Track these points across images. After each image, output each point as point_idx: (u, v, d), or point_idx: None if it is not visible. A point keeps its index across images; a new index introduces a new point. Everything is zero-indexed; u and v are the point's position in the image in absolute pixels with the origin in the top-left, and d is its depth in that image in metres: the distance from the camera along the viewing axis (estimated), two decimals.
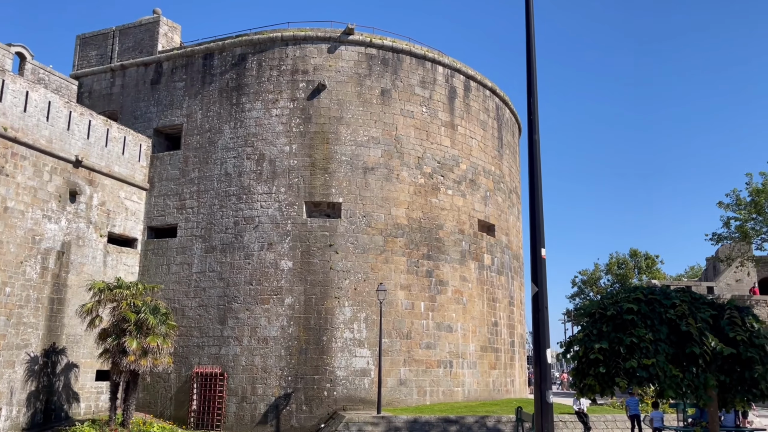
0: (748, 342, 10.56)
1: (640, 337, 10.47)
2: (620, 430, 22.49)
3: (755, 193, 36.23)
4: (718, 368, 10.60)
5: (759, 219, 36.35)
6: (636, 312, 10.84)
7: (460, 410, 22.69)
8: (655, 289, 11.46)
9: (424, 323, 25.49)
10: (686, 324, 10.63)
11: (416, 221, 26.23)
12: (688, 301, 11.25)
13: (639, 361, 10.27)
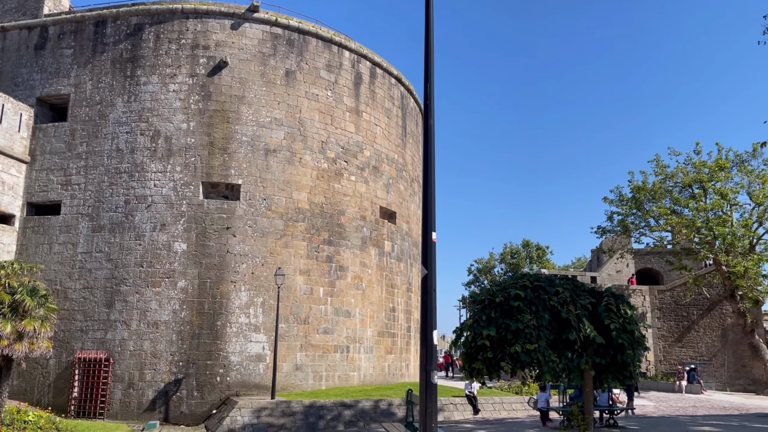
0: (621, 328, 11.27)
1: (525, 324, 10.92)
2: (507, 412, 23.54)
3: (636, 190, 38.77)
4: (595, 351, 11.25)
5: (638, 214, 38.96)
6: (522, 298, 11.30)
7: (355, 394, 22.88)
8: (541, 276, 11.99)
9: (322, 308, 25.43)
10: (566, 311, 11.18)
11: (318, 206, 26.04)
12: (570, 289, 11.84)
13: (522, 346, 10.72)
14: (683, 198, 37.90)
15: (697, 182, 37.41)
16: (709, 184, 37.13)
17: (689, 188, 37.95)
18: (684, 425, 16.99)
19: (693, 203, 37.03)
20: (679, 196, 37.95)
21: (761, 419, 19.30)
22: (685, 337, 41.35)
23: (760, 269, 36.14)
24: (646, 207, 38.65)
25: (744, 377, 39.15)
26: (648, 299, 42.07)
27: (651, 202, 38.50)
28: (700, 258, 39.40)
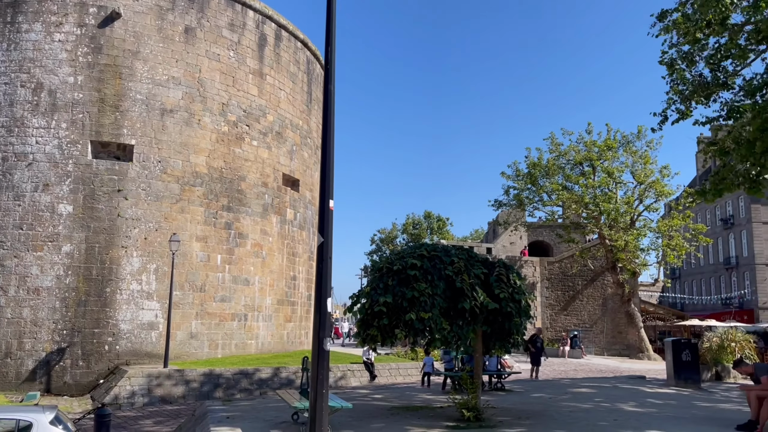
0: (510, 298, 11.74)
1: (421, 292, 11.13)
2: (402, 377, 24.18)
3: (531, 166, 40.56)
4: (485, 320, 11.67)
5: (533, 189, 40.84)
6: (419, 268, 11.48)
7: (253, 362, 22.65)
8: (438, 246, 12.23)
9: (220, 276, 24.83)
10: (460, 280, 11.49)
11: (217, 171, 25.21)
12: (465, 259, 12.16)
13: (417, 314, 10.93)
14: (574, 175, 40.00)
15: (588, 160, 39.54)
16: (597, 163, 39.36)
17: (580, 166, 40.08)
18: (565, 387, 18.18)
19: (583, 180, 39.18)
20: (571, 173, 40.02)
21: (631, 380, 20.99)
22: (570, 306, 44.06)
23: (639, 243, 39.02)
24: (540, 182, 40.47)
25: (620, 343, 42.38)
26: (538, 270, 44.36)
27: (545, 177, 40.35)
28: (587, 232, 42.00)
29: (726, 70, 17.41)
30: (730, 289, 62.88)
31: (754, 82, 16.98)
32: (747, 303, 59.34)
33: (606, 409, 13.34)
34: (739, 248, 61.72)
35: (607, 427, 10.90)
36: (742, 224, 60.76)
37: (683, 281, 73.54)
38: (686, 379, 18.72)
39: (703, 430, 10.70)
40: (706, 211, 65.85)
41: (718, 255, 65.11)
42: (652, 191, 38.69)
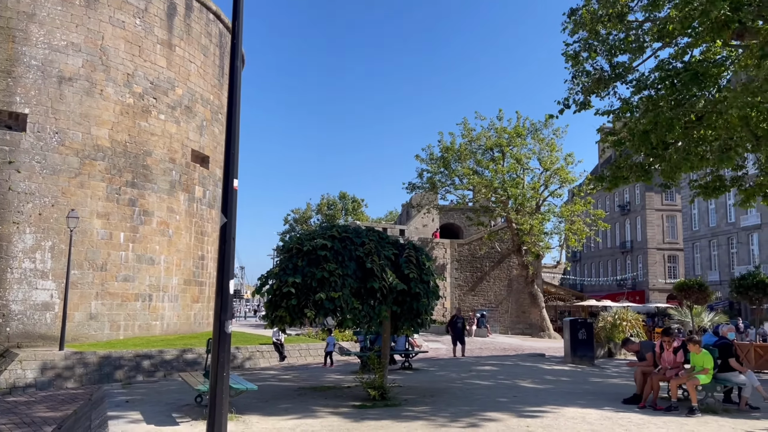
0: (418, 279, 11.95)
1: (331, 272, 11.12)
2: (312, 358, 24.17)
3: (444, 150, 41.34)
4: (394, 300, 11.83)
5: (445, 173, 41.67)
6: (330, 248, 11.46)
7: (157, 344, 21.92)
8: (349, 228, 12.24)
9: (123, 254, 23.77)
10: (371, 261, 11.57)
11: (121, 145, 23.99)
12: (375, 240, 12.25)
13: (327, 294, 10.92)
14: (485, 160, 41.12)
15: (498, 146, 40.72)
16: (507, 149, 40.61)
17: (491, 151, 41.22)
18: (469, 365, 18.80)
19: (493, 165, 40.35)
20: (482, 158, 41.11)
21: (532, 358, 22.01)
22: (478, 287, 45.51)
23: (543, 227, 40.73)
24: (452, 166, 41.33)
25: (523, 322, 44.28)
26: (449, 252, 45.44)
27: (457, 162, 41.24)
28: (495, 215, 43.35)
29: (623, 64, 18.31)
30: (624, 271, 67.04)
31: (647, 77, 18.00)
32: (639, 284, 63.53)
33: (506, 386, 13.91)
34: (634, 233, 65.78)
35: (506, 403, 11.36)
36: (638, 211, 64.73)
37: (583, 264, 77.63)
38: (582, 356, 19.84)
39: (594, 404, 11.36)
40: (605, 198, 69.58)
41: (615, 239, 69.13)
42: (557, 178, 40.45)
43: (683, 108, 17.23)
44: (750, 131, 16.94)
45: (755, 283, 20.47)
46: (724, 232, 52.66)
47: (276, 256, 74.24)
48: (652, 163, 18.58)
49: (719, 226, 53.27)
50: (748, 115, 15.70)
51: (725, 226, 52.39)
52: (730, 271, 48.58)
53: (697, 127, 17.96)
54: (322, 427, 9.04)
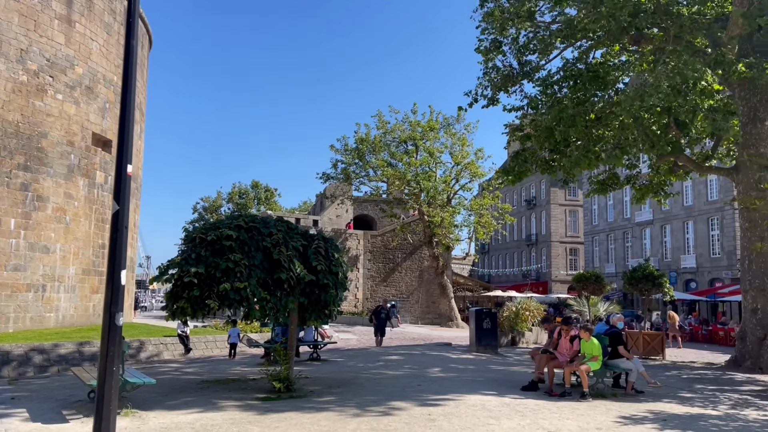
0: (327, 270, 11.89)
1: (236, 262, 10.86)
2: (219, 350, 23.60)
3: (360, 142, 41.41)
4: (301, 291, 11.72)
5: (360, 164, 41.75)
6: (236, 239, 11.18)
7: (51, 337, 20.65)
8: (256, 218, 12.00)
9: (13, 242, 22.21)
10: (278, 252, 11.40)
11: (13, 125, 22.35)
12: (284, 231, 12.07)
13: (232, 284, 10.67)
14: (399, 152, 41.54)
15: (412, 139, 41.21)
16: (420, 142, 41.19)
17: (404, 144, 41.68)
18: (378, 355, 18.99)
19: (406, 158, 40.82)
20: (396, 151, 41.50)
21: (439, 347, 22.52)
22: (390, 278, 46.02)
23: (453, 220, 41.69)
24: (367, 158, 41.47)
25: (433, 312, 45.22)
26: (362, 243, 45.63)
27: (371, 153, 41.42)
28: (408, 207, 43.92)
29: (530, 63, 18.96)
30: (530, 263, 69.86)
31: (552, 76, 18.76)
32: (543, 276, 66.42)
33: (413, 375, 14.15)
34: (539, 227, 68.63)
35: (412, 392, 11.55)
36: (543, 206, 67.55)
37: (491, 255, 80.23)
38: (486, 345, 20.49)
39: (495, 391, 11.77)
40: (513, 192, 72.14)
41: (521, 232, 71.87)
42: (468, 172, 41.48)
43: (584, 107, 18.08)
44: (643, 132, 18.00)
45: (645, 275, 21.85)
46: (620, 227, 55.91)
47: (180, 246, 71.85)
48: (555, 159, 19.41)
49: (616, 221, 56.51)
50: (641, 117, 16.68)
51: (621, 221, 55.64)
52: (624, 263, 51.65)
53: (596, 126, 18.91)
54: (223, 420, 8.84)
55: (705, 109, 17.81)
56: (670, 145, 18.08)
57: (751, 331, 17.02)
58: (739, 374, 16.15)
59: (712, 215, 44.84)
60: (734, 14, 15.86)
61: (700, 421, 9.30)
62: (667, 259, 49.22)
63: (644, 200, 22.27)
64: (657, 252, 50.42)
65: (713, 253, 44.87)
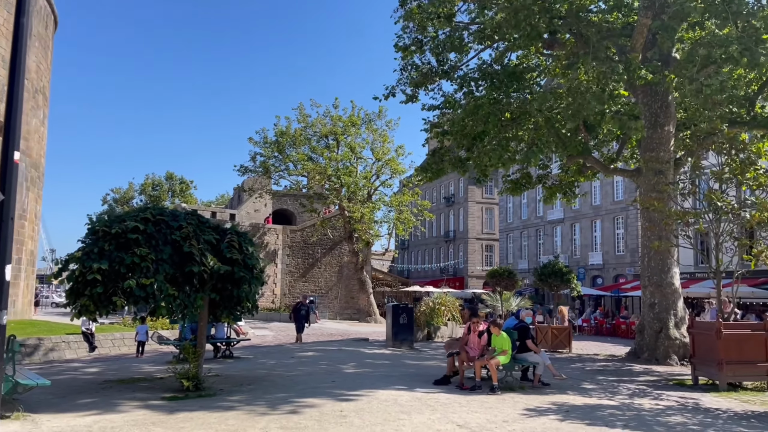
0: (242, 263, 11.60)
1: (142, 257, 10.39)
2: (127, 347, 22.62)
3: (280, 135, 40.83)
4: (213, 287, 11.38)
5: (279, 157, 41.19)
6: (142, 231, 10.70)
7: None
8: (165, 210, 11.53)
9: None
10: (189, 245, 11.01)
11: None
12: (194, 224, 11.66)
13: (138, 280, 10.20)
14: (320, 147, 41.31)
15: (333, 134, 41.07)
16: (342, 137, 41.12)
17: (325, 138, 41.48)
18: (293, 351, 18.77)
19: (327, 153, 40.63)
20: (316, 145, 41.24)
21: (356, 343, 22.54)
22: (309, 273, 45.71)
23: (373, 216, 41.90)
24: (287, 151, 41.01)
25: (352, 307, 45.30)
26: (281, 238, 45.06)
27: (292, 147, 40.99)
28: (328, 203, 43.76)
29: (449, 61, 19.25)
30: (447, 259, 71.30)
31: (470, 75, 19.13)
32: (460, 271, 67.93)
33: (327, 371, 14.06)
34: (456, 223, 70.14)
35: (325, 388, 11.46)
36: (461, 203, 69.07)
37: (411, 251, 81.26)
38: (402, 340, 20.69)
39: (408, 386, 11.86)
40: (433, 189, 73.34)
41: (440, 229, 73.20)
42: (388, 168, 41.78)
43: (500, 106, 18.54)
44: (555, 133, 18.68)
45: (554, 271, 22.74)
46: (533, 225, 58.01)
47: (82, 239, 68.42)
48: (470, 157, 19.82)
49: (530, 219, 58.59)
50: (553, 118, 17.30)
51: (535, 219, 57.74)
52: (537, 260, 53.63)
53: (511, 126, 19.44)
54: (124, 422, 8.43)
55: (612, 112, 18.71)
56: (579, 146, 18.86)
57: (649, 325, 18.02)
58: (637, 365, 17.07)
59: (617, 215, 47.27)
60: (639, 24, 16.71)
61: (598, 411, 9.74)
62: (576, 256, 51.49)
63: (553, 200, 23.16)
64: (567, 249, 52.64)
65: (618, 251, 47.33)
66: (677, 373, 15.46)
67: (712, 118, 17.92)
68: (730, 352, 12.52)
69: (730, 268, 14.45)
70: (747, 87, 18.75)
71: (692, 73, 15.55)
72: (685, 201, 17.26)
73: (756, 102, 18.53)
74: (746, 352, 12.73)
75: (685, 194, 16.27)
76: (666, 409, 10.22)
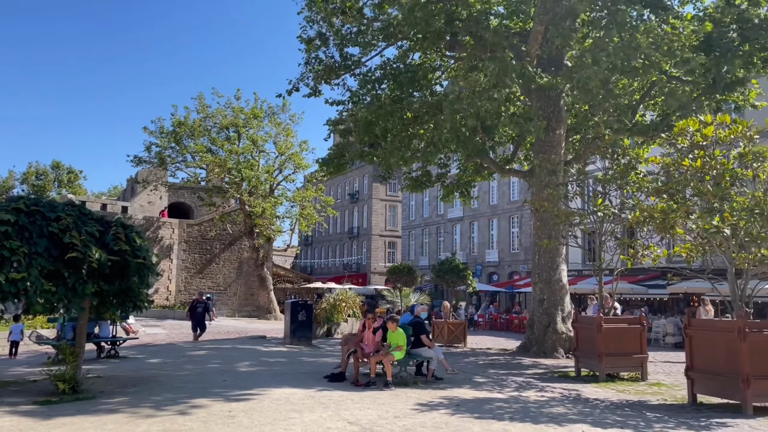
0: (132, 255, 10.97)
1: (13, 250, 9.58)
2: (2, 348, 20.92)
3: (177, 125, 39.18)
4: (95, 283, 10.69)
5: (177, 148, 39.53)
6: (14, 223, 9.86)
7: None
8: (40, 201, 10.70)
9: None
10: (69, 237, 10.28)
11: None
12: (75, 216, 10.90)
13: (7, 275, 9.39)
14: (220, 139, 40.10)
15: (234, 126, 40.00)
16: (243, 130, 40.13)
17: (226, 130, 40.32)
18: (184, 350, 18.04)
19: (228, 145, 39.53)
20: (216, 137, 40.00)
21: (252, 340, 22.04)
22: (207, 269, 44.28)
23: (275, 211, 41.22)
24: (185, 142, 39.50)
25: (251, 304, 44.35)
26: (177, 232, 43.34)
27: (190, 138, 39.52)
28: (228, 196, 42.53)
29: (353, 57, 19.21)
30: (351, 255, 71.47)
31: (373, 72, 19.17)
32: (363, 268, 68.29)
33: (219, 370, 13.60)
34: (361, 220, 70.44)
35: (215, 388, 11.06)
36: (365, 200, 69.43)
37: (314, 247, 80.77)
38: (300, 337, 20.45)
39: (303, 383, 11.68)
40: (337, 186, 73.26)
41: (344, 225, 73.24)
42: (292, 163, 41.20)
43: (402, 104, 18.70)
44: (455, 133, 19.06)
45: (451, 268, 23.29)
46: (434, 223, 59.29)
47: None
48: (373, 154, 19.88)
49: (431, 216, 59.83)
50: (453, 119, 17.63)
51: (436, 217, 59.02)
52: (437, 257, 54.83)
53: (413, 125, 19.67)
54: None
55: (509, 115, 19.35)
56: (477, 147, 19.37)
57: (538, 320, 18.83)
58: (526, 359, 17.78)
59: (513, 214, 49.19)
60: (534, 29, 17.38)
61: (487, 404, 10.00)
62: (474, 254, 53.11)
63: (451, 198, 23.68)
64: (466, 247, 54.20)
65: (513, 249, 49.28)
66: (563, 365, 16.24)
67: (598, 124, 18.96)
68: (609, 345, 13.29)
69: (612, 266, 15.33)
70: (630, 96, 19.99)
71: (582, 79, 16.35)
72: (572, 202, 18.17)
73: (637, 110, 19.80)
74: (623, 345, 13.57)
75: (570, 196, 17.12)
76: (550, 400, 10.66)
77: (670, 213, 10.51)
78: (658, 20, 16.02)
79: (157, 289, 40.95)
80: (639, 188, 15.00)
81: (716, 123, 11.10)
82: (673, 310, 31.57)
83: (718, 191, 10.18)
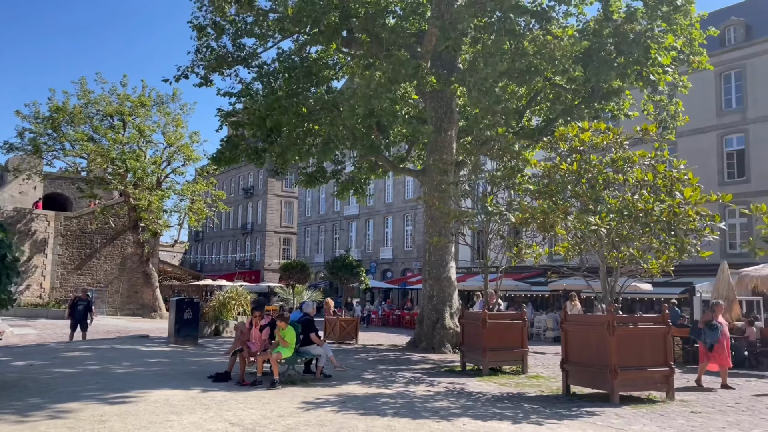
0: None
1: None
2: None
3: (55, 110, 36.47)
4: None
5: (54, 136, 36.81)
6: None
7: None
8: None
9: None
10: None
11: None
12: None
13: None
14: (103, 127, 37.85)
15: (119, 114, 37.87)
16: (129, 118, 38.08)
17: (110, 118, 38.10)
18: (56, 351, 16.79)
19: (111, 134, 37.36)
20: (99, 125, 37.72)
21: (134, 340, 20.92)
22: (86, 265, 41.60)
23: (162, 204, 39.41)
24: (63, 129, 36.92)
25: (135, 302, 42.15)
26: (53, 225, 40.36)
27: (69, 125, 36.99)
28: (111, 188, 40.16)
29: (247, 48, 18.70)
30: (244, 251, 69.81)
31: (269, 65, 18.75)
32: (256, 264, 66.93)
33: (94, 372, 12.76)
34: (255, 216, 68.96)
35: (88, 391, 10.35)
36: (260, 195, 68.04)
37: (205, 243, 78.17)
38: (186, 336, 19.64)
39: (185, 384, 11.18)
40: (231, 180, 71.31)
41: (237, 220, 71.40)
42: (182, 155, 39.55)
43: (298, 99, 18.43)
44: (350, 131, 19.03)
45: (344, 265, 23.28)
46: (330, 219, 59.17)
47: None
48: (266, 148, 19.46)
49: (327, 213, 59.66)
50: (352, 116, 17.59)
51: (332, 214, 58.92)
52: (333, 254, 54.75)
53: (308, 120, 19.44)
54: None
55: (403, 114, 19.59)
56: (371, 145, 19.46)
57: (428, 316, 19.23)
58: (416, 354, 18.10)
59: (407, 212, 50.05)
60: (429, 31, 17.68)
61: (373, 400, 10.03)
62: (369, 251, 53.52)
63: (345, 195, 23.69)
64: (361, 244, 54.52)
65: (407, 246, 50.15)
66: (450, 360, 16.68)
67: (489, 127, 19.63)
68: (493, 340, 13.79)
69: (498, 264, 15.91)
70: (518, 101, 20.86)
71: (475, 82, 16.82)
72: (462, 201, 18.71)
73: (524, 115, 20.70)
74: (506, 340, 14.13)
75: (460, 195, 17.61)
76: (435, 395, 10.88)
77: (550, 213, 11.04)
78: (543, 31, 16.82)
79: (29, 286, 37.94)
80: (524, 190, 15.69)
81: (593, 129, 11.80)
82: (554, 306, 33.39)
83: (593, 194, 10.81)
